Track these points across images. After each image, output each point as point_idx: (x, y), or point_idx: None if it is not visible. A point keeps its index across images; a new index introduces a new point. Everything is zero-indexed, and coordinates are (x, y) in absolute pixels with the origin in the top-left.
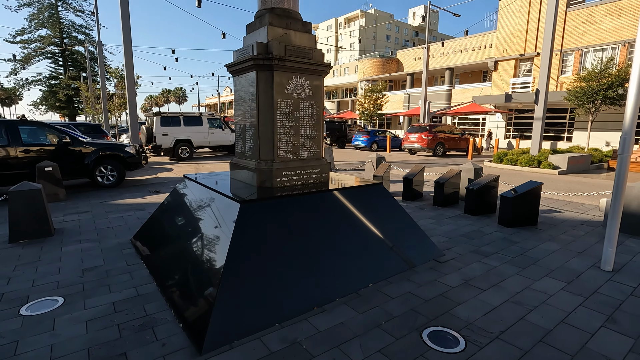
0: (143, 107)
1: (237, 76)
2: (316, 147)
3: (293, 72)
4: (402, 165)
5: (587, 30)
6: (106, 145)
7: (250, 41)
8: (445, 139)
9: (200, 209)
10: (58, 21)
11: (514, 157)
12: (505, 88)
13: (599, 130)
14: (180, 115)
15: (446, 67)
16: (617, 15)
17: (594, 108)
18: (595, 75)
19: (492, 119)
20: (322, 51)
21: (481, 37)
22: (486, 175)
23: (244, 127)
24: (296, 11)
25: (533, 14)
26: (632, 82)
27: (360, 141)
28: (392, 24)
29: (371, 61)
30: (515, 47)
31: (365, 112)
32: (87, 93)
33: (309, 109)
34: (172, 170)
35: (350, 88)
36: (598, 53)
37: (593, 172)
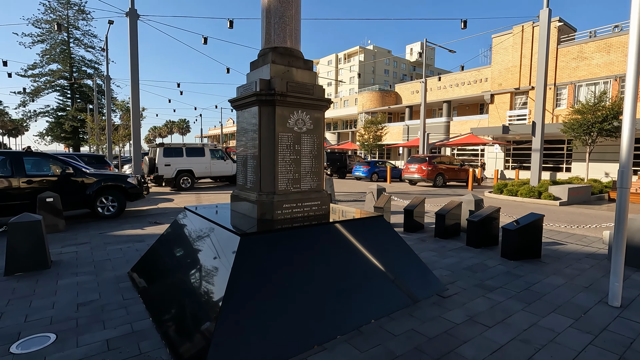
0: (147, 137)
1: (240, 110)
2: (317, 179)
3: (294, 107)
4: (403, 196)
5: (579, 65)
6: (108, 175)
7: (254, 78)
8: (445, 170)
9: (200, 241)
10: (69, 56)
11: (514, 188)
12: (502, 120)
13: (597, 161)
14: (182, 146)
15: (444, 100)
16: (606, 52)
17: (590, 140)
18: (589, 108)
19: (490, 150)
20: (323, 87)
21: (477, 71)
22: (487, 207)
23: (246, 159)
24: (298, 50)
25: (525, 51)
26: (625, 117)
27: (361, 172)
28: (390, 59)
29: (370, 94)
30: (510, 81)
31: (365, 143)
32: (92, 125)
33: (310, 143)
34: (173, 200)
35: (350, 120)
36: (591, 87)
37: (594, 203)
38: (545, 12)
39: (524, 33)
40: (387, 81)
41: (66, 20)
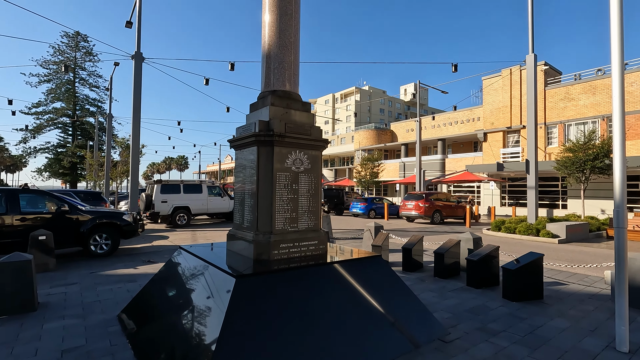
0: (145, 174)
1: (239, 150)
2: (314, 218)
3: (292, 147)
4: (401, 234)
5: (567, 106)
6: (103, 213)
7: (253, 119)
8: (442, 207)
9: (194, 282)
10: (73, 95)
11: (512, 225)
12: (496, 158)
13: (592, 198)
14: (180, 183)
15: (438, 138)
16: (592, 93)
17: (584, 177)
18: (580, 146)
19: (486, 187)
20: (320, 128)
21: (469, 111)
22: (486, 246)
23: (243, 199)
24: (296, 92)
25: (515, 92)
26: (615, 159)
27: (358, 208)
28: (385, 99)
29: (367, 132)
30: (501, 120)
31: (362, 180)
32: (91, 161)
33: (308, 182)
34: (168, 238)
35: (347, 157)
36: (580, 126)
37: (592, 240)
38: (531, 57)
39: (512, 76)
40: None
41: (73, 61)
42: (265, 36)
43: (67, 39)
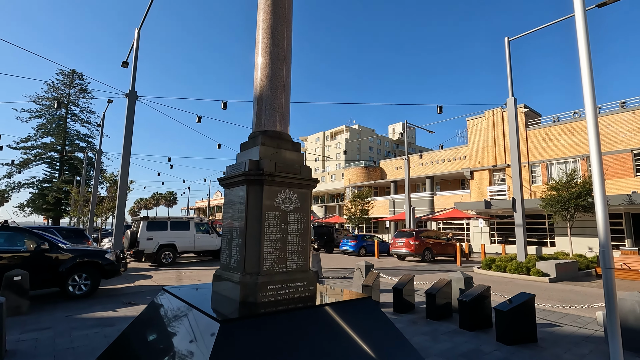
0: (131, 209)
1: (228, 189)
2: (303, 258)
3: (282, 187)
4: (392, 273)
5: (548, 146)
6: (85, 251)
7: (243, 158)
8: (433, 245)
9: (177, 326)
10: (64, 130)
11: (503, 263)
12: (484, 195)
13: (579, 236)
14: (167, 220)
15: (426, 176)
16: (570, 134)
17: (569, 215)
18: (563, 185)
19: (475, 224)
20: (310, 167)
21: (455, 150)
22: (477, 286)
23: (231, 238)
24: (287, 133)
25: (498, 132)
26: (597, 201)
27: (348, 246)
28: (374, 138)
29: (356, 169)
30: (487, 159)
31: (352, 217)
32: (77, 196)
33: (297, 221)
34: (151, 277)
35: (337, 193)
36: (561, 165)
37: (582, 279)
38: (511, 100)
39: (495, 117)
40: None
41: (67, 98)
42: (258, 79)
43: (63, 77)
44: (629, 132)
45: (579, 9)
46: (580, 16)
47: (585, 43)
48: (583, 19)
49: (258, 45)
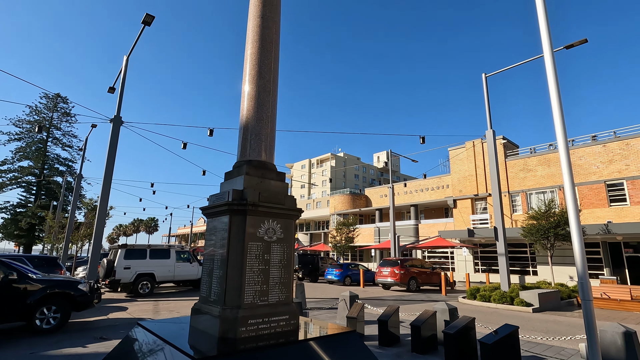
0: (110, 236)
1: (210, 218)
2: (286, 290)
3: (265, 217)
4: (377, 303)
5: (526, 176)
6: (56, 282)
7: (227, 188)
8: (418, 274)
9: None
10: (43, 154)
11: (487, 293)
12: (467, 224)
13: (560, 265)
14: (147, 248)
15: (410, 204)
16: (547, 165)
17: (549, 244)
18: (542, 214)
19: (459, 252)
20: (294, 197)
21: (438, 179)
22: (462, 317)
23: (212, 270)
24: (272, 162)
25: (479, 162)
26: (573, 234)
27: (333, 275)
28: (360, 166)
29: (342, 197)
30: (468, 188)
31: (337, 245)
32: (52, 222)
33: (280, 252)
34: (126, 309)
35: (322, 221)
36: (540, 195)
37: (565, 309)
38: (490, 133)
39: (475, 147)
40: (357, 185)
41: (49, 121)
42: (244, 109)
43: (46, 100)
44: (601, 164)
45: (547, 50)
46: (549, 56)
47: (554, 80)
48: (551, 58)
49: (245, 76)
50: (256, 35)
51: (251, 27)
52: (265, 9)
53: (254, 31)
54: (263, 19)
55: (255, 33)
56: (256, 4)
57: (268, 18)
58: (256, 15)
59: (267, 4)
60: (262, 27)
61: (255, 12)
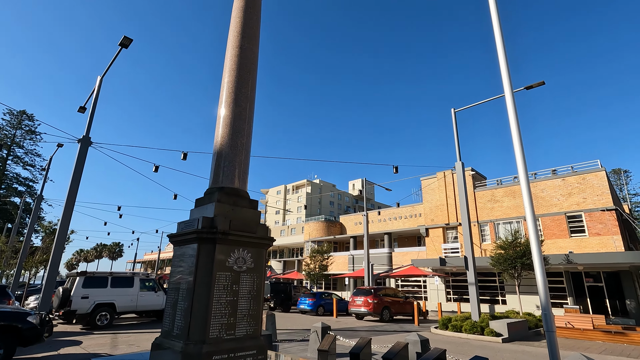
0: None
1: (178, 247)
2: (254, 323)
3: (236, 246)
4: (349, 334)
5: (494, 207)
6: (1, 313)
7: (197, 215)
8: (391, 303)
9: None
10: (2, 173)
11: (458, 323)
12: (439, 252)
13: (528, 294)
14: (108, 275)
15: (384, 232)
16: (512, 197)
17: (516, 273)
18: (509, 244)
19: (431, 281)
20: (267, 226)
21: (411, 207)
22: (433, 349)
23: (176, 301)
24: (244, 190)
25: (449, 192)
26: (536, 267)
27: (306, 304)
28: (335, 193)
29: (316, 224)
30: (440, 217)
31: (311, 273)
32: (4, 247)
33: (249, 282)
34: (80, 343)
35: (297, 247)
36: (507, 225)
37: (532, 338)
38: (459, 164)
39: (446, 178)
40: (332, 212)
41: (11, 138)
42: (219, 135)
43: (10, 117)
44: (561, 197)
45: (507, 90)
46: (509, 95)
47: (515, 117)
48: (511, 98)
49: (221, 103)
50: (234, 64)
51: (229, 56)
52: (244, 40)
53: (232, 60)
54: (241, 49)
55: (233, 62)
56: (235, 35)
57: (246, 48)
58: (235, 45)
59: (245, 36)
60: (240, 57)
61: (234, 42)
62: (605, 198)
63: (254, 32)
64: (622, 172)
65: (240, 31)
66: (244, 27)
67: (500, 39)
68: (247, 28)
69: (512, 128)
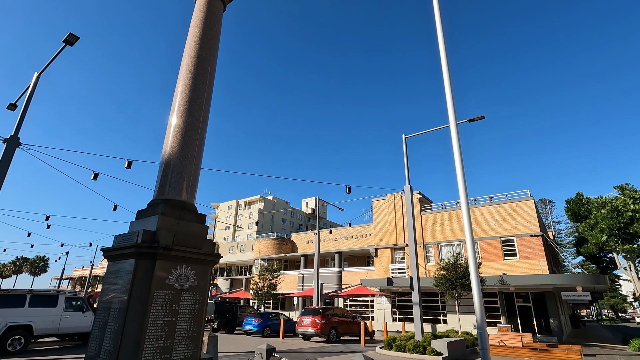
0: None
1: (113, 262)
2: (193, 346)
3: (179, 262)
4: (295, 356)
5: (438, 229)
6: None
7: (138, 228)
8: (339, 323)
9: None
10: None
11: (402, 342)
12: (386, 272)
13: (466, 314)
14: (27, 293)
15: (335, 251)
16: (455, 221)
17: (456, 293)
18: (450, 265)
19: (378, 301)
20: (214, 242)
21: (362, 227)
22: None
23: (105, 322)
24: (192, 204)
25: (398, 214)
26: (473, 288)
27: (252, 325)
28: (288, 210)
29: (267, 241)
30: (389, 238)
31: (259, 292)
32: None
33: (191, 302)
34: None
35: (246, 265)
36: (449, 247)
37: (470, 356)
38: (408, 188)
39: (396, 200)
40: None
41: None
42: (168, 145)
43: None
44: (497, 222)
45: (452, 121)
46: (454, 127)
47: (458, 146)
48: (455, 129)
49: (173, 112)
50: (189, 73)
51: (185, 65)
52: (202, 50)
53: (188, 69)
54: (199, 59)
55: (188, 71)
56: (193, 44)
57: (204, 59)
58: (192, 54)
59: (204, 46)
60: (197, 67)
61: (191, 52)
62: (533, 225)
63: (213, 43)
64: (547, 202)
65: (199, 41)
66: (202, 38)
67: (447, 76)
68: (206, 39)
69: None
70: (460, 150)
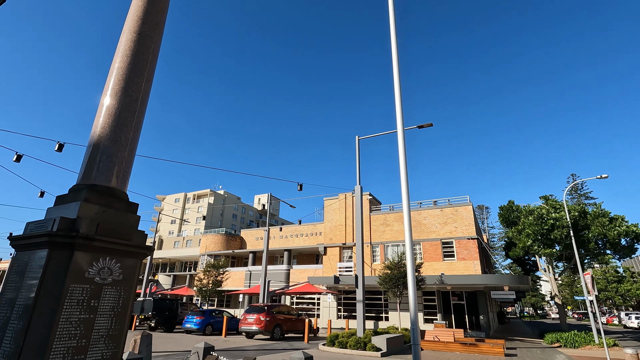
0: None
1: (22, 251)
2: (113, 346)
3: (102, 254)
4: (235, 354)
5: (385, 230)
6: None
7: (55, 214)
8: (283, 321)
9: None
10: None
11: (344, 339)
12: (334, 271)
13: (407, 311)
14: None
15: (285, 249)
16: (401, 222)
17: (399, 292)
18: (394, 265)
19: (324, 299)
20: (144, 233)
21: (312, 226)
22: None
23: (7, 320)
24: (123, 191)
25: (348, 213)
26: (409, 287)
27: (192, 323)
28: (239, 206)
29: (215, 237)
30: (338, 237)
31: (203, 289)
32: None
33: (114, 297)
34: None
35: (191, 261)
36: (395, 247)
37: (407, 352)
38: (358, 188)
39: (347, 200)
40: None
41: None
42: (98, 125)
43: None
44: (439, 225)
45: (400, 126)
46: (400, 132)
47: (403, 151)
48: (402, 134)
49: (107, 91)
50: (129, 49)
51: (124, 41)
52: (145, 26)
53: (127, 45)
54: (140, 35)
55: (127, 47)
56: (135, 19)
57: (146, 36)
58: (133, 30)
59: (147, 22)
60: (138, 44)
61: (131, 27)
62: (470, 228)
63: (158, 20)
64: (484, 208)
65: (142, 16)
66: (146, 13)
67: (398, 82)
68: (150, 15)
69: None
70: (406, 157)
